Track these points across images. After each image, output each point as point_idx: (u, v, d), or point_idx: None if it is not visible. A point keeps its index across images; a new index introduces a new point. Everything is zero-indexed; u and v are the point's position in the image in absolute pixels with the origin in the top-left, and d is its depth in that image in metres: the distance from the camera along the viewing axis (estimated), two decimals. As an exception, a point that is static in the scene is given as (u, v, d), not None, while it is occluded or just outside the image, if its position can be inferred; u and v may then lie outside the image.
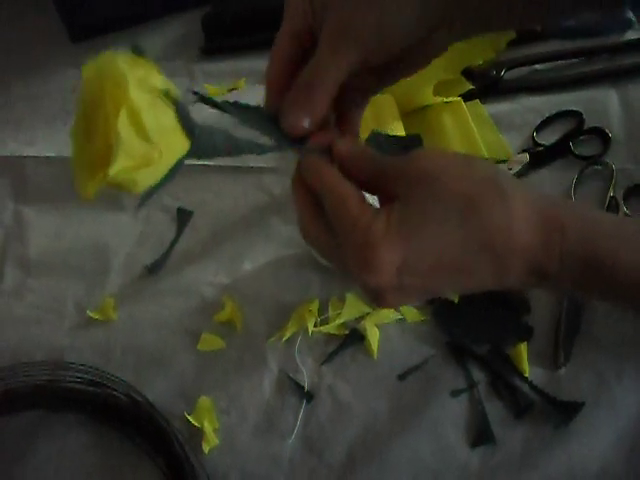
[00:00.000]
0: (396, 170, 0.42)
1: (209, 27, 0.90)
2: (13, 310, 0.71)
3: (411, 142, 0.47)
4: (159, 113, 0.40)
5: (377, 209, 0.41)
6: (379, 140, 0.48)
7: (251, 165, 0.76)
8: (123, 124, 0.38)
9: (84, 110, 0.40)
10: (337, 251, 0.42)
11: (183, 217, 0.74)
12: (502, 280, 0.41)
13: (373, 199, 0.44)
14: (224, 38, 0.90)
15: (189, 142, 0.42)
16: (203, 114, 0.81)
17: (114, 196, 0.75)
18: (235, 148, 0.45)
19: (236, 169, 0.76)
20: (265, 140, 0.45)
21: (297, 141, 0.45)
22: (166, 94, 0.40)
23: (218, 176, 0.77)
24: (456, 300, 0.62)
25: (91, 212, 0.75)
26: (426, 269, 0.40)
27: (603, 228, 0.42)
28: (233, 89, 0.84)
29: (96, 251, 0.73)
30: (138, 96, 0.38)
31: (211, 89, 0.84)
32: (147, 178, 0.40)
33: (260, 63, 0.82)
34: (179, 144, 0.41)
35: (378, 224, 0.40)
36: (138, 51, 0.42)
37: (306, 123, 0.45)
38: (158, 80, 0.41)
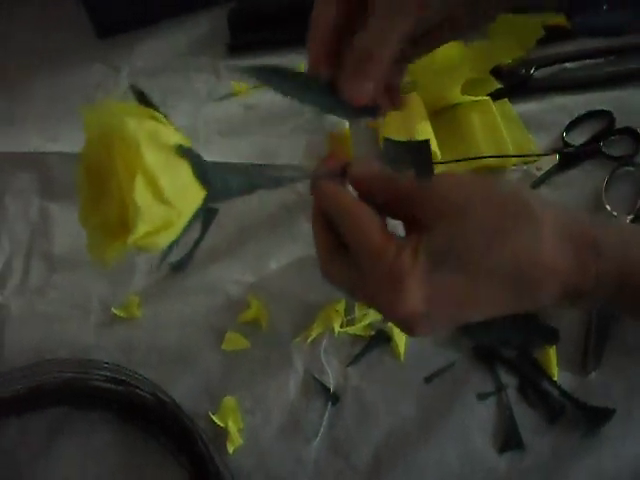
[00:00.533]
0: (422, 197, 0.41)
1: (235, 23, 0.89)
2: (37, 307, 0.71)
3: (420, 148, 0.46)
4: (174, 171, 0.38)
5: (402, 239, 0.40)
6: (388, 147, 0.47)
7: (279, 163, 0.76)
8: (140, 191, 0.36)
9: (90, 172, 0.39)
10: (361, 285, 0.42)
11: (208, 215, 0.73)
12: (535, 304, 0.41)
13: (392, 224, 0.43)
14: (250, 34, 0.89)
15: (205, 191, 0.41)
16: (230, 111, 0.82)
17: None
18: (250, 186, 0.45)
19: (264, 167, 0.76)
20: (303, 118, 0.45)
21: (354, 110, 0.45)
22: (179, 148, 0.39)
23: (243, 174, 0.76)
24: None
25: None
26: (456, 301, 0.40)
27: (638, 241, 0.41)
28: (259, 86, 0.83)
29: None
30: (152, 158, 0.37)
31: (237, 86, 0.84)
32: (167, 238, 0.40)
33: (287, 59, 0.84)
34: (195, 196, 0.40)
35: (405, 256, 0.39)
36: (140, 95, 0.41)
37: (368, 91, 0.44)
38: (168, 132, 0.39)
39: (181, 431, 0.59)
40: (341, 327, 0.63)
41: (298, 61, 0.85)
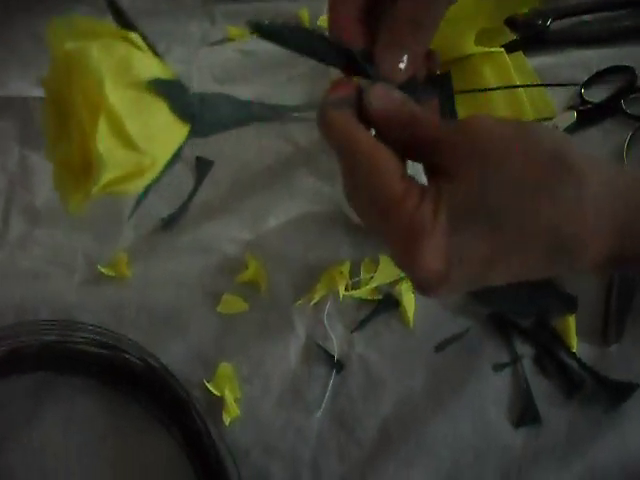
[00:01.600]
0: (448, 140, 0.36)
1: (230, -37, 0.83)
2: (18, 263, 0.66)
3: (442, 81, 0.41)
4: (147, 110, 0.33)
5: (423, 188, 0.35)
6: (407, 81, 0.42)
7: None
8: (103, 136, 0.31)
9: (54, 101, 0.33)
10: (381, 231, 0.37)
11: (203, 167, 0.69)
12: (572, 269, 0.36)
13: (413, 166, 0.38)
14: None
15: (187, 127, 0.35)
16: (225, 57, 0.76)
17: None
18: (245, 116, 0.38)
19: (259, 117, 0.71)
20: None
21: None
22: (153, 83, 0.33)
23: (240, 125, 0.71)
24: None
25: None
26: (480, 264, 0.35)
27: None
28: (256, 32, 0.78)
29: (107, 202, 0.66)
30: (118, 96, 0.31)
31: (233, 31, 0.78)
32: (139, 185, 0.34)
33: (287, 3, 0.78)
34: (175, 136, 0.35)
35: (425, 208, 0.34)
36: (117, 13, 0.35)
37: (406, 64, 0.39)
38: (145, 61, 0.34)
39: (173, 400, 0.55)
40: (346, 290, 0.59)
41: (298, 6, 0.81)
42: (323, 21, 0.76)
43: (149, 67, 0.33)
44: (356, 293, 0.59)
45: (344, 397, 0.56)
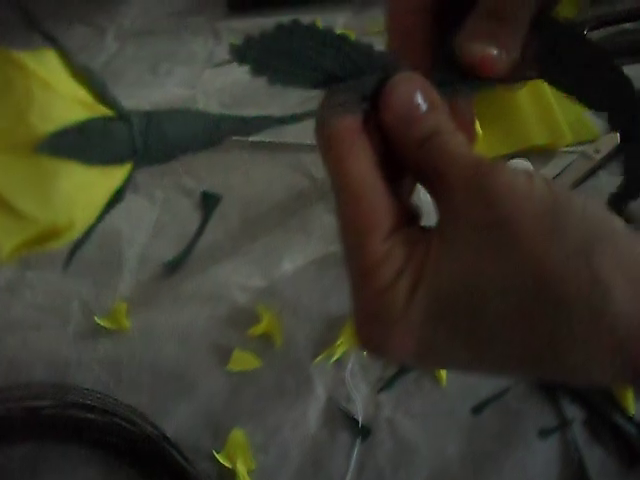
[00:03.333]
0: (452, 174, 0.27)
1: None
2: (10, 310, 0.60)
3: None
4: (48, 179, 0.24)
5: (411, 250, 0.27)
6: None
7: (288, 141, 0.65)
8: None
9: None
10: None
11: (209, 203, 0.63)
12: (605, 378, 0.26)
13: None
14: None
15: (129, 166, 0.27)
16: (232, 79, 0.71)
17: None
18: (212, 133, 0.28)
19: (269, 146, 0.65)
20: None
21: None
22: (60, 139, 0.24)
23: (248, 154, 0.66)
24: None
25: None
26: (451, 364, 0.29)
27: None
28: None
29: (106, 242, 0.62)
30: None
31: (239, 49, 0.72)
32: (63, 242, 0.26)
33: (297, 15, 0.72)
34: (104, 186, 0.26)
35: (402, 283, 0.27)
36: (27, 17, 0.27)
37: (496, 55, 0.31)
38: (49, 99, 0.25)
39: (174, 473, 0.49)
40: (370, 344, 0.53)
41: (311, 18, 0.75)
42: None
43: (58, 107, 0.26)
44: (382, 347, 0.53)
45: (371, 468, 0.50)
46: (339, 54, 0.30)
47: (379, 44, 0.30)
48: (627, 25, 0.69)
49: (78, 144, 0.25)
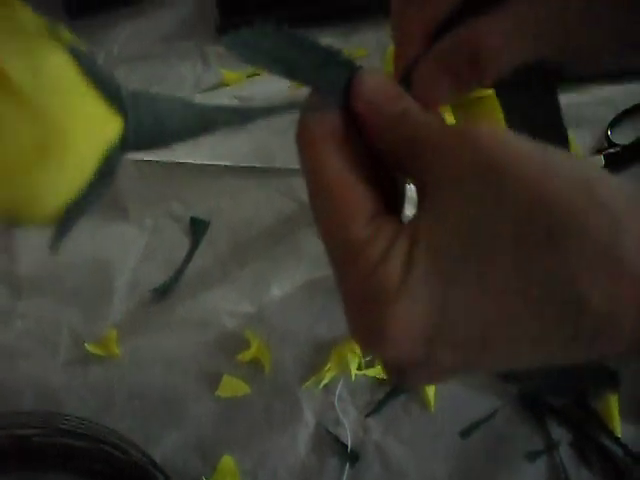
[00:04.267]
0: (441, 142, 0.27)
1: (225, 3, 0.79)
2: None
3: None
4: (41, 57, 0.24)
5: (399, 228, 0.26)
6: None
7: (277, 166, 0.65)
8: None
9: None
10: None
11: (198, 229, 0.63)
12: (600, 349, 0.25)
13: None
14: (242, 16, 0.78)
15: (120, 122, 0.26)
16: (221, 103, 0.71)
17: (114, 202, 0.65)
18: (204, 121, 0.29)
19: (258, 171, 0.66)
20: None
21: None
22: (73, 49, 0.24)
23: (237, 179, 0.66)
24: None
25: (89, 221, 0.64)
26: (472, 336, 0.25)
27: None
28: (254, 75, 0.73)
29: (96, 269, 0.62)
30: None
31: (227, 75, 0.73)
32: (49, 176, 0.24)
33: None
34: (100, 118, 0.25)
35: (394, 258, 0.25)
36: None
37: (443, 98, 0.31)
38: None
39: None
40: (359, 369, 0.53)
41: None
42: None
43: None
44: (371, 372, 0.53)
45: (360, 493, 0.50)
46: (308, 53, 0.30)
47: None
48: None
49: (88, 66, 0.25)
